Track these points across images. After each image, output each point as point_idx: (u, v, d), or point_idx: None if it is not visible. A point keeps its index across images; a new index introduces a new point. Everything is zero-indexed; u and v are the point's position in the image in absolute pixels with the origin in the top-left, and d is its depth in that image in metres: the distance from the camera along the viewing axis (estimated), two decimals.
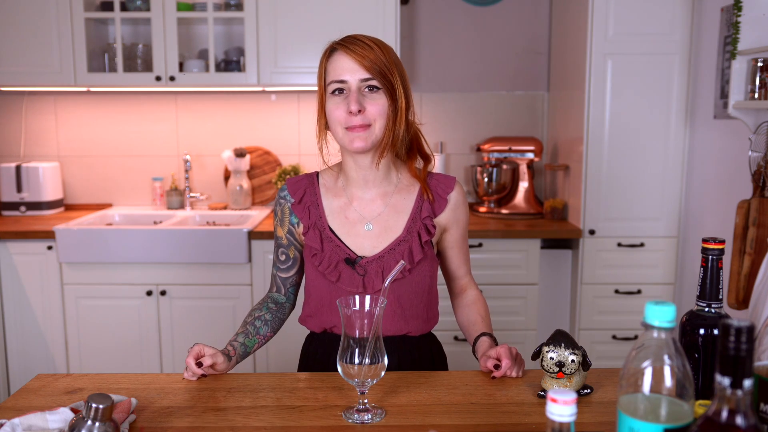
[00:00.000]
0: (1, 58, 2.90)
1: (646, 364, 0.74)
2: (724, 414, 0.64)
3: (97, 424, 0.93)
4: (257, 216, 3.04)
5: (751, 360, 0.64)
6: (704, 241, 0.99)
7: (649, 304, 0.74)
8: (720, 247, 0.98)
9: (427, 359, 1.42)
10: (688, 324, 1.00)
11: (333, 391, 1.19)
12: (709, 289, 0.99)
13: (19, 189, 3.13)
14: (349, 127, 1.29)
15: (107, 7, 2.95)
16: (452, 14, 3.26)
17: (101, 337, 2.79)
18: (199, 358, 1.24)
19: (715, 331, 0.98)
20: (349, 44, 1.30)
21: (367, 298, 1.07)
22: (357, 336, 1.06)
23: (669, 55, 2.71)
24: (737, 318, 0.71)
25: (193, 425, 1.06)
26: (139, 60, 3.01)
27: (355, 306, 1.06)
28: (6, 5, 2.86)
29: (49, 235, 2.73)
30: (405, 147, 1.41)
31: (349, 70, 1.28)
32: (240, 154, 3.15)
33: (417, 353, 1.40)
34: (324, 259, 1.35)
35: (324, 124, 1.36)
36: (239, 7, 2.95)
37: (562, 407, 0.67)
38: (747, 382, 0.64)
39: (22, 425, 1.00)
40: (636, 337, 2.85)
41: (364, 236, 1.36)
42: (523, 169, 3.14)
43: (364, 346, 1.05)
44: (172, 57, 2.88)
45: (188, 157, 3.17)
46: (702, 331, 0.98)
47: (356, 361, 1.05)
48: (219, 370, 1.26)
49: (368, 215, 1.37)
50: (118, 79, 2.93)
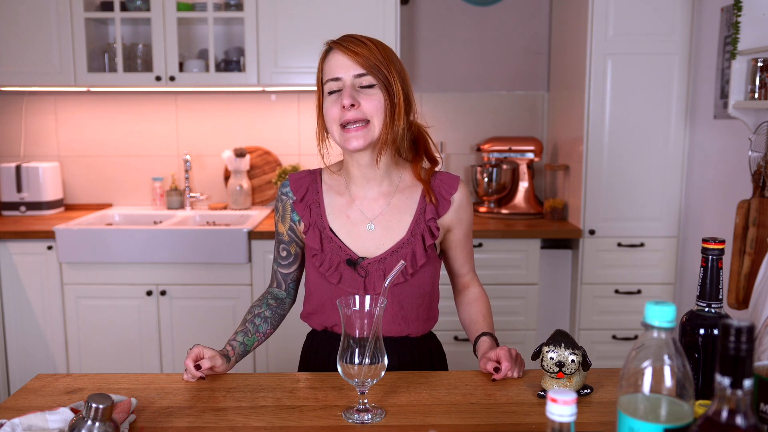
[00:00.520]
0: (1, 58, 2.90)
1: (646, 364, 0.74)
2: (724, 414, 0.64)
3: (97, 424, 0.93)
4: (257, 216, 3.04)
5: (751, 360, 0.64)
6: (704, 241, 0.99)
7: (649, 304, 0.74)
8: (720, 247, 0.98)
9: (427, 359, 1.41)
10: (688, 324, 1.00)
11: (333, 391, 1.19)
12: (709, 289, 0.99)
13: (19, 189, 3.13)
14: (344, 126, 1.28)
15: (107, 7, 2.95)
16: (452, 14, 3.27)
17: (101, 337, 2.79)
18: (198, 360, 1.24)
19: (715, 331, 0.98)
20: (343, 42, 1.29)
21: (367, 298, 1.07)
22: (357, 336, 1.05)
23: (669, 55, 2.71)
24: (737, 318, 0.71)
25: (193, 425, 1.06)
26: (139, 60, 3.01)
27: (355, 306, 1.06)
28: (6, 5, 2.86)
29: (49, 235, 2.73)
30: (408, 147, 1.39)
31: (343, 67, 1.28)
32: (240, 154, 3.15)
33: (417, 353, 1.39)
34: (325, 260, 1.33)
35: (323, 127, 1.34)
36: (239, 7, 2.95)
37: (562, 407, 0.67)
38: (747, 382, 0.64)
39: (22, 425, 1.00)
40: (636, 337, 2.84)
41: (365, 237, 1.35)
42: (523, 169, 3.14)
43: (364, 346, 1.05)
44: (172, 57, 2.88)
45: (188, 157, 3.17)
46: (702, 331, 0.98)
47: (356, 361, 1.05)
48: (218, 371, 1.27)
49: (370, 215, 1.36)
50: (118, 79, 2.93)
